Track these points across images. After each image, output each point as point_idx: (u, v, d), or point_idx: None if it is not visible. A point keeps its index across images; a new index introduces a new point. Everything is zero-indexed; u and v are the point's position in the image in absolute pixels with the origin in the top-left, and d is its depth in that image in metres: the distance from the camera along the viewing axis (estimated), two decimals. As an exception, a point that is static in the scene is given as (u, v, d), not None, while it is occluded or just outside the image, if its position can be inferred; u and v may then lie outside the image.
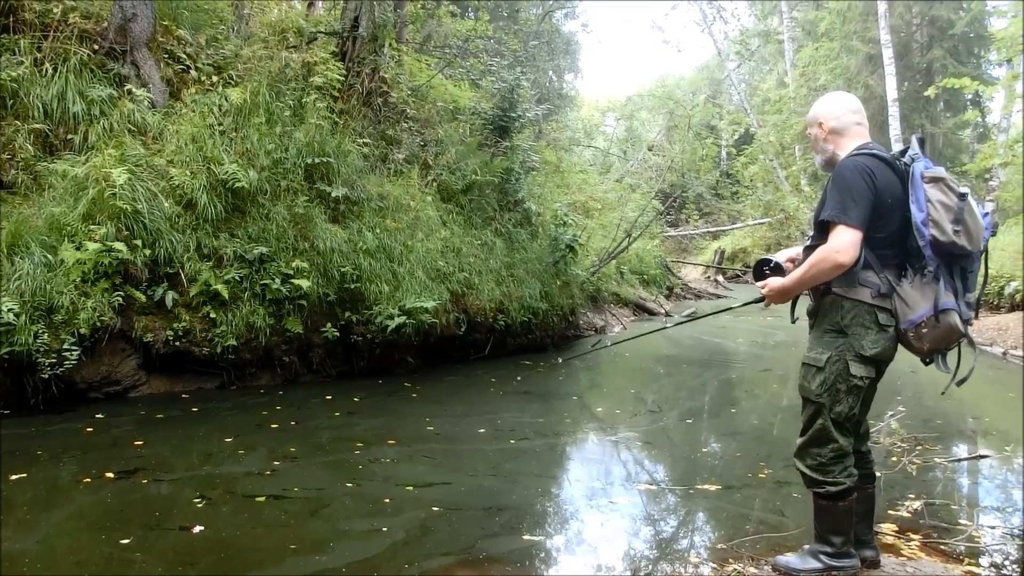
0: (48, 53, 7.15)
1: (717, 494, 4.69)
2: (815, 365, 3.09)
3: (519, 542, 3.89)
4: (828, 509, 3.15)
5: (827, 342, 3.09)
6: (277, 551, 3.64)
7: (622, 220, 16.80)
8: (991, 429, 6.87)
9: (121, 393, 6.53)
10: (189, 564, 3.46)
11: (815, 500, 3.18)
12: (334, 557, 3.59)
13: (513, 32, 16.74)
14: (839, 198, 2.97)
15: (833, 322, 3.08)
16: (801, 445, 3.16)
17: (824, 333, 3.11)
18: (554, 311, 10.93)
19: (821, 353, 3.08)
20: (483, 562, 3.61)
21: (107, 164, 6.61)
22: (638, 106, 34.01)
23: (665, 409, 7.33)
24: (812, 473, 3.12)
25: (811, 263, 3.02)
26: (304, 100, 8.55)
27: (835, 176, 3.06)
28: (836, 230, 2.96)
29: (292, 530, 3.90)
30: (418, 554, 3.69)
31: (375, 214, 8.59)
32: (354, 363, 8.09)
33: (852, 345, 3.04)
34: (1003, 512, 4.58)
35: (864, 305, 3.02)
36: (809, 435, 3.12)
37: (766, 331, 13.96)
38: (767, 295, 3.28)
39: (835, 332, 3.07)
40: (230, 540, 3.75)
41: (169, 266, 6.78)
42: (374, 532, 3.92)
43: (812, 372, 3.10)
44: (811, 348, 3.14)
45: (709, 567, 3.56)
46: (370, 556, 3.65)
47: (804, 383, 3.13)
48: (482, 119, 11.72)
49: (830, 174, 3.15)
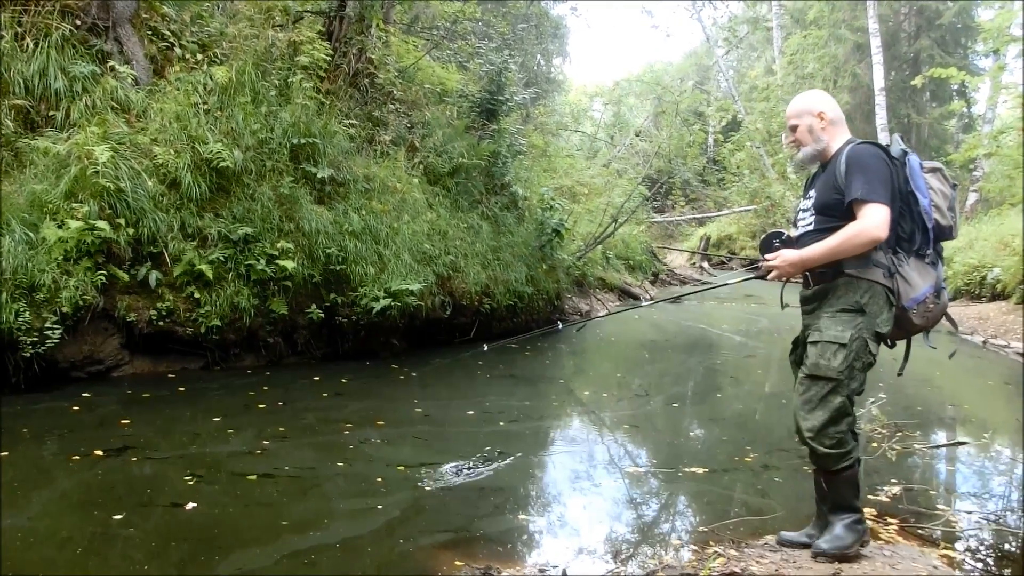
0: (29, 28, 7.03)
1: (704, 477, 4.73)
2: (837, 343, 3.10)
3: (512, 522, 3.94)
4: (849, 479, 3.22)
5: (846, 320, 3.12)
6: (271, 528, 3.67)
7: (608, 205, 16.79)
8: (970, 416, 6.95)
9: (104, 373, 6.48)
10: (183, 540, 3.47)
11: (836, 477, 3.20)
12: (328, 534, 3.62)
13: (501, 15, 16.61)
14: (866, 179, 3.07)
15: (851, 301, 3.13)
16: (819, 428, 3.13)
17: (840, 312, 3.14)
18: (540, 295, 10.94)
19: (842, 331, 3.11)
20: (478, 540, 3.65)
21: (90, 141, 6.51)
22: (626, 91, 33.94)
23: (651, 394, 7.36)
24: (832, 451, 3.13)
25: (845, 237, 3.07)
26: (290, 80, 8.46)
27: (854, 161, 3.13)
28: (870, 208, 3.05)
29: (284, 508, 3.92)
30: (413, 531, 3.73)
31: (361, 196, 8.54)
32: (339, 345, 8.07)
33: (869, 323, 3.12)
34: (980, 498, 4.64)
35: (878, 285, 3.12)
36: (828, 414, 3.12)
37: (750, 318, 14.04)
38: (779, 265, 3.24)
39: (853, 311, 3.12)
40: (223, 517, 3.78)
41: (153, 246, 6.71)
42: (368, 511, 3.95)
43: (833, 350, 3.11)
44: (827, 328, 3.15)
45: (707, 549, 3.59)
46: (364, 533, 3.68)
47: (822, 362, 3.12)
48: (469, 102, 11.66)
49: (838, 161, 3.20)
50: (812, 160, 3.36)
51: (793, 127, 3.37)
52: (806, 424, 3.16)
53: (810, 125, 3.31)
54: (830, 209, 3.19)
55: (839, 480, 3.21)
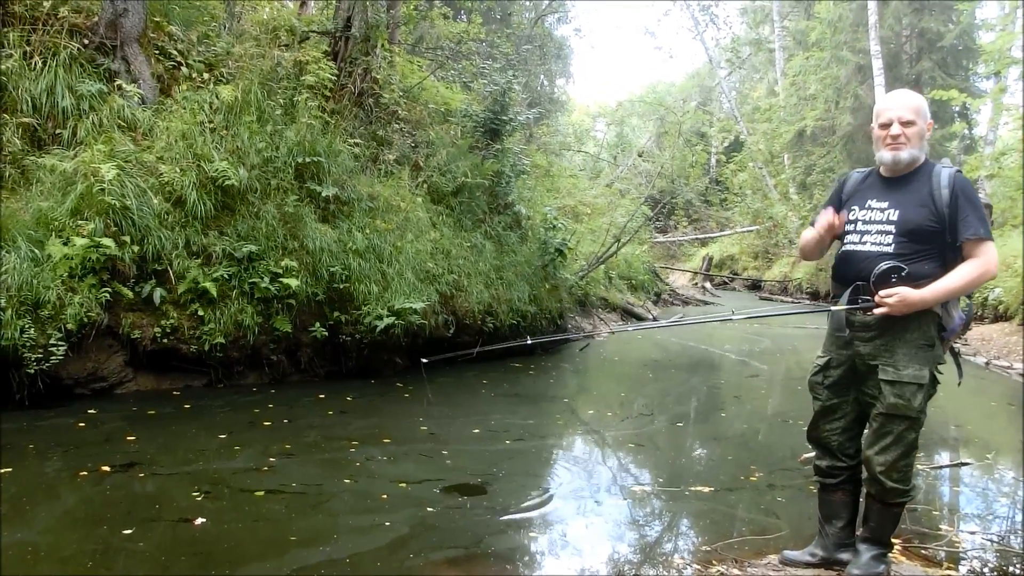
0: (37, 46, 7.10)
1: (709, 496, 4.72)
2: (918, 383, 3.03)
3: (517, 540, 3.94)
4: (898, 515, 3.24)
5: (923, 357, 3.06)
6: (280, 542, 3.68)
7: (611, 225, 16.83)
8: (973, 437, 6.93)
9: (108, 390, 6.49)
10: (193, 554, 3.50)
11: (890, 509, 3.19)
12: (337, 549, 3.64)
13: (505, 35, 16.71)
14: (979, 215, 3.01)
15: (927, 336, 3.07)
16: (891, 463, 3.08)
17: (920, 348, 3.06)
18: (542, 314, 10.95)
19: (920, 369, 3.04)
20: (482, 557, 3.66)
21: (96, 159, 6.56)
22: (629, 112, 34.05)
23: (655, 413, 7.35)
24: (899, 485, 3.10)
25: (974, 278, 3.00)
26: (295, 99, 8.53)
27: (965, 192, 3.05)
28: (988, 247, 3.01)
29: (293, 523, 3.94)
30: (423, 547, 3.74)
31: (365, 214, 8.57)
32: (342, 363, 8.07)
33: (938, 356, 3.10)
34: (983, 519, 4.62)
35: (938, 317, 3.09)
36: (902, 450, 3.07)
37: (752, 338, 14.02)
38: (894, 304, 3.00)
39: (928, 346, 3.07)
40: (232, 532, 3.79)
41: (157, 263, 6.74)
42: (376, 527, 3.96)
43: (913, 390, 3.03)
44: (904, 366, 3.04)
45: (710, 568, 3.58)
46: (373, 548, 3.69)
47: (903, 402, 3.03)
48: (473, 121, 11.72)
49: (935, 184, 3.08)
50: (907, 165, 3.14)
51: (908, 123, 3.11)
52: (880, 459, 3.09)
53: (923, 131, 3.14)
54: (922, 235, 3.04)
55: (890, 513, 3.20)
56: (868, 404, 3.19)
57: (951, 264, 3.04)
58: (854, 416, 3.29)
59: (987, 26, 24.76)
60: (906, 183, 3.15)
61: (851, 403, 3.28)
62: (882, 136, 3.17)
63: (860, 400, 3.25)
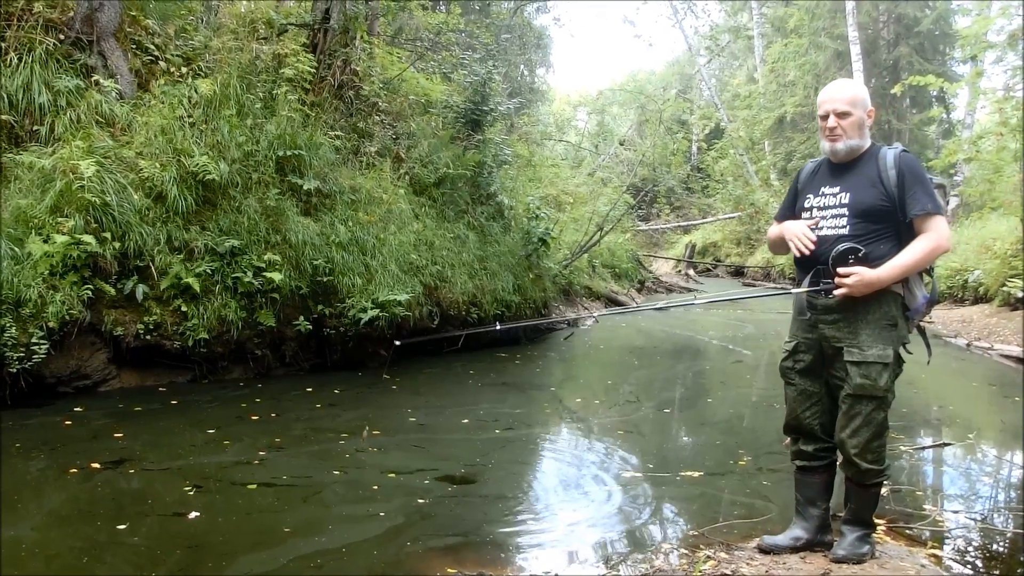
0: (12, 42, 7.00)
1: (698, 480, 4.76)
2: (882, 362, 3.06)
3: (507, 528, 3.96)
4: (876, 495, 3.28)
5: (887, 337, 3.09)
6: (275, 534, 3.69)
7: (594, 214, 16.86)
8: (955, 418, 7.03)
9: (91, 387, 6.44)
10: (189, 547, 3.51)
11: (868, 490, 3.23)
12: (332, 539, 3.65)
13: (485, 26, 16.65)
14: (927, 191, 3.07)
15: (889, 316, 3.10)
16: (863, 444, 3.11)
17: (883, 328, 3.09)
18: (527, 304, 10.97)
19: (885, 349, 3.07)
20: (472, 546, 3.68)
21: (75, 156, 6.48)
22: (609, 101, 34.12)
23: (642, 400, 7.40)
24: (873, 466, 3.14)
25: (926, 252, 3.04)
26: (275, 92, 8.47)
27: (911, 171, 3.09)
28: (939, 221, 3.07)
29: (286, 515, 3.95)
30: (419, 535, 3.76)
31: (347, 207, 8.54)
32: (327, 356, 8.06)
33: (901, 336, 3.13)
34: (966, 499, 4.70)
35: (900, 296, 3.14)
36: (872, 431, 3.10)
37: (735, 324, 14.12)
38: (853, 284, 3.03)
39: (891, 326, 3.10)
40: (226, 524, 3.81)
41: (139, 259, 6.68)
42: (369, 517, 3.98)
43: (878, 370, 3.06)
44: (868, 347, 3.07)
45: (698, 552, 3.61)
46: (368, 538, 3.71)
47: (869, 382, 3.06)
48: (454, 112, 11.69)
49: (881, 165, 3.13)
50: (848, 154, 3.19)
51: (843, 114, 3.15)
52: (852, 442, 3.12)
53: (861, 119, 3.17)
54: (874, 215, 3.09)
55: (868, 494, 3.24)
56: (836, 387, 3.22)
57: (907, 243, 3.09)
58: (831, 399, 3.32)
59: (964, 11, 24.98)
60: (854, 167, 3.21)
61: (825, 386, 3.32)
62: (822, 127, 3.26)
63: (829, 383, 3.28)
